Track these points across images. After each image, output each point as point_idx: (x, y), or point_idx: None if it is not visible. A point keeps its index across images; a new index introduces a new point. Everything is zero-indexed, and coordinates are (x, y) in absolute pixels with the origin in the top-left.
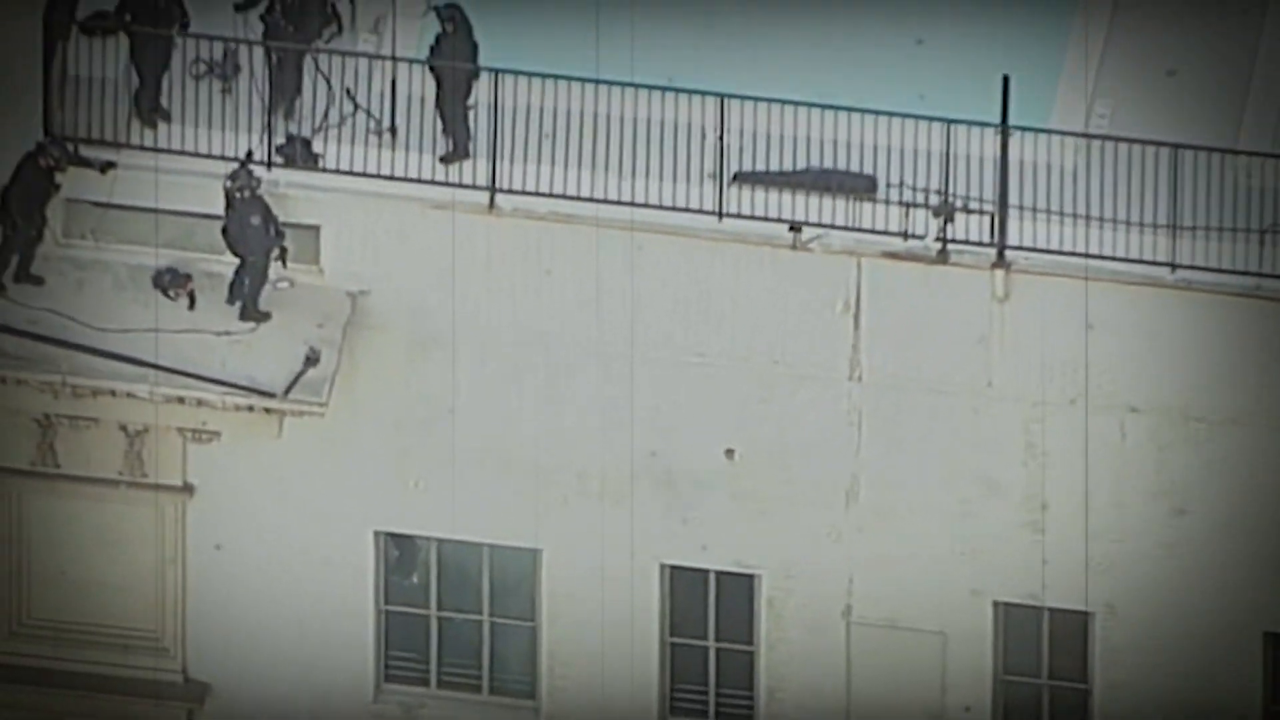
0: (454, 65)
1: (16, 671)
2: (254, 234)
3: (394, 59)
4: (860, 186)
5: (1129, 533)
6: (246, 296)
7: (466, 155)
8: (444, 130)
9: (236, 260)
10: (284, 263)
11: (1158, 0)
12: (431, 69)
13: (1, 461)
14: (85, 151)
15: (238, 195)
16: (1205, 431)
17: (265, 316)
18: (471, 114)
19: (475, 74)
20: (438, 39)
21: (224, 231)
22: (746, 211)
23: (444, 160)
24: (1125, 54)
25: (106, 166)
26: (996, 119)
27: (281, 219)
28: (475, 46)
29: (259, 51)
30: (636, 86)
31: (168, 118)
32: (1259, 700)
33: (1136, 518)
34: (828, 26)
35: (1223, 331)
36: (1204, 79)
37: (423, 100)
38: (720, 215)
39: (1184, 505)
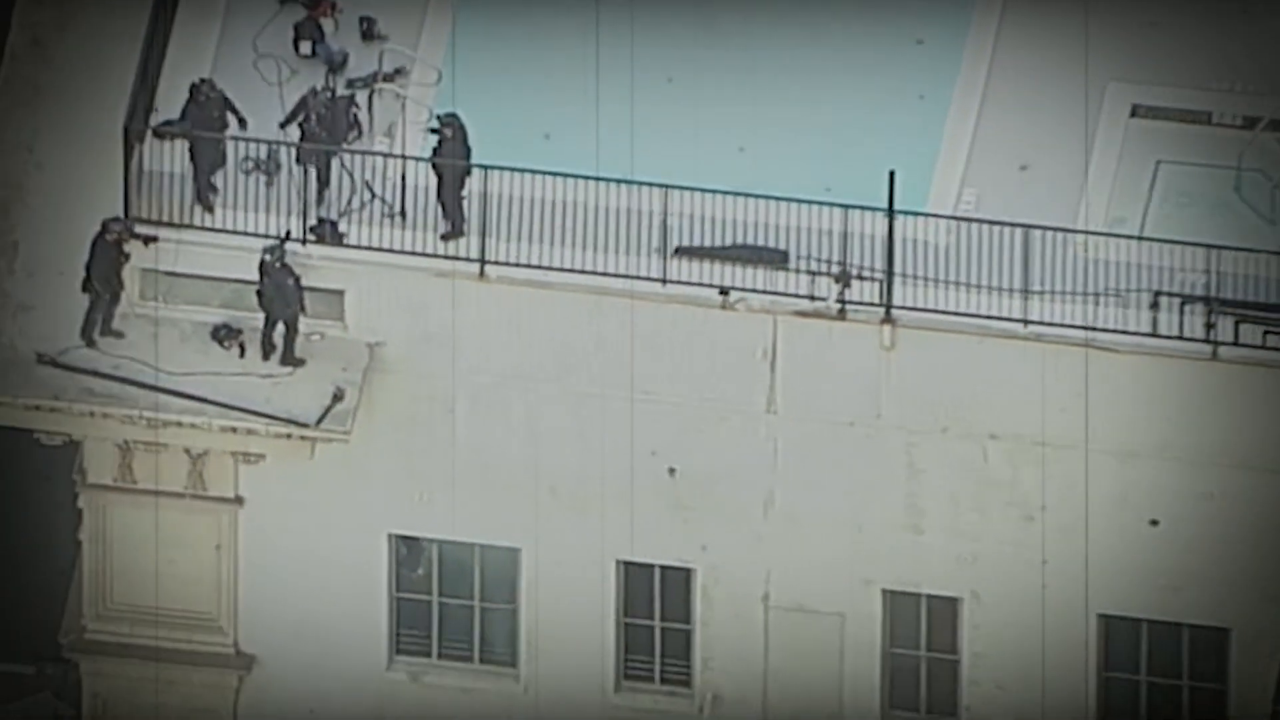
0: (452, 163)
1: (103, 646)
2: (290, 294)
3: (404, 157)
4: (775, 259)
5: (989, 535)
6: (285, 347)
7: (461, 234)
8: (444, 215)
9: (274, 324)
10: (304, 310)
11: (1015, 106)
12: (434, 166)
13: (92, 479)
14: (140, 229)
15: (275, 265)
16: (1051, 454)
17: (300, 362)
18: (465, 202)
19: (469, 170)
20: (440, 141)
21: (259, 294)
22: (685, 279)
23: (444, 238)
24: (987, 151)
25: (149, 240)
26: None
27: (312, 286)
28: (469, 149)
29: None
30: (598, 180)
31: (220, 205)
32: (1094, 667)
33: (995, 523)
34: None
35: (1065, 374)
36: (1050, 172)
37: (427, 190)
38: (664, 281)
39: (1032, 514)
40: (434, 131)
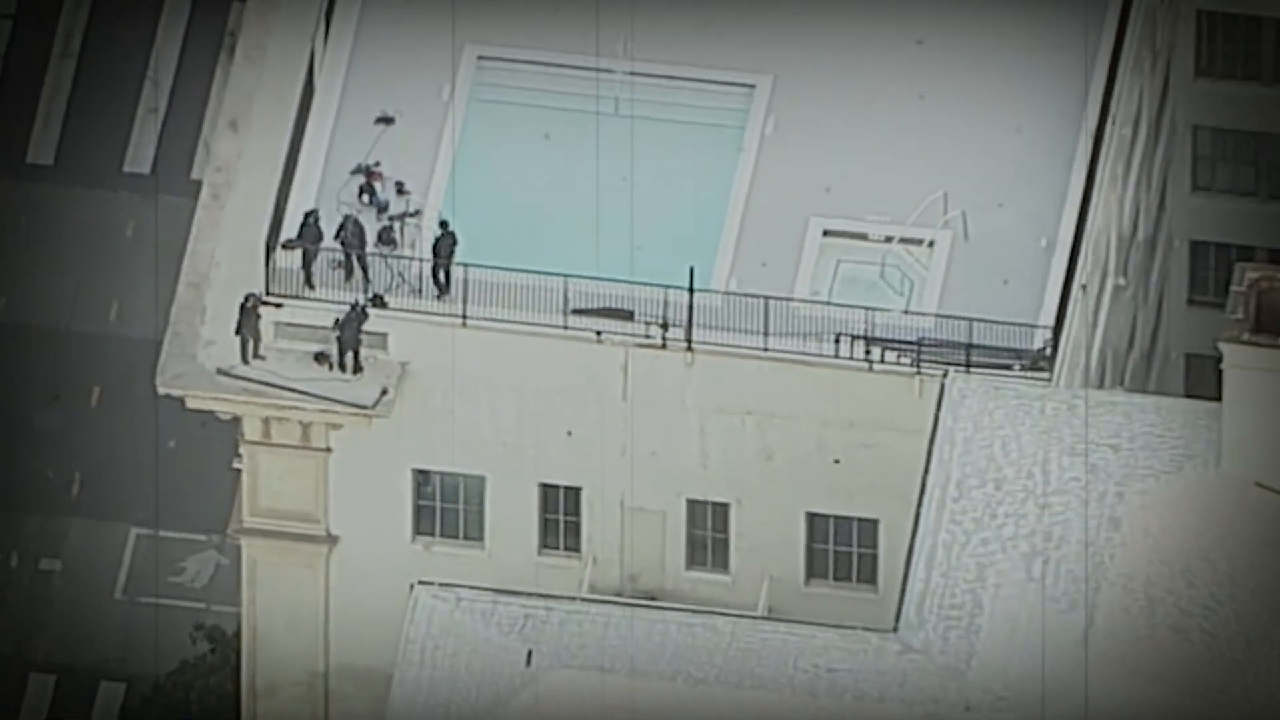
0: (447, 261)
1: (253, 530)
2: (356, 335)
3: (417, 259)
4: (626, 316)
5: (747, 469)
6: (353, 364)
7: (447, 292)
8: (435, 283)
9: (347, 351)
10: (362, 344)
11: None
12: (435, 258)
13: (247, 438)
14: (267, 299)
15: (349, 319)
16: (777, 422)
17: (361, 372)
18: (450, 279)
19: (452, 255)
20: (437, 240)
21: (338, 336)
22: (578, 326)
23: (438, 299)
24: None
25: (259, 303)
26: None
27: (369, 330)
28: (455, 240)
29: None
30: (527, 272)
31: (318, 285)
32: (800, 557)
33: (749, 461)
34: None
35: (786, 376)
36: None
37: (430, 274)
38: (565, 327)
39: (770, 455)
40: (442, 225)
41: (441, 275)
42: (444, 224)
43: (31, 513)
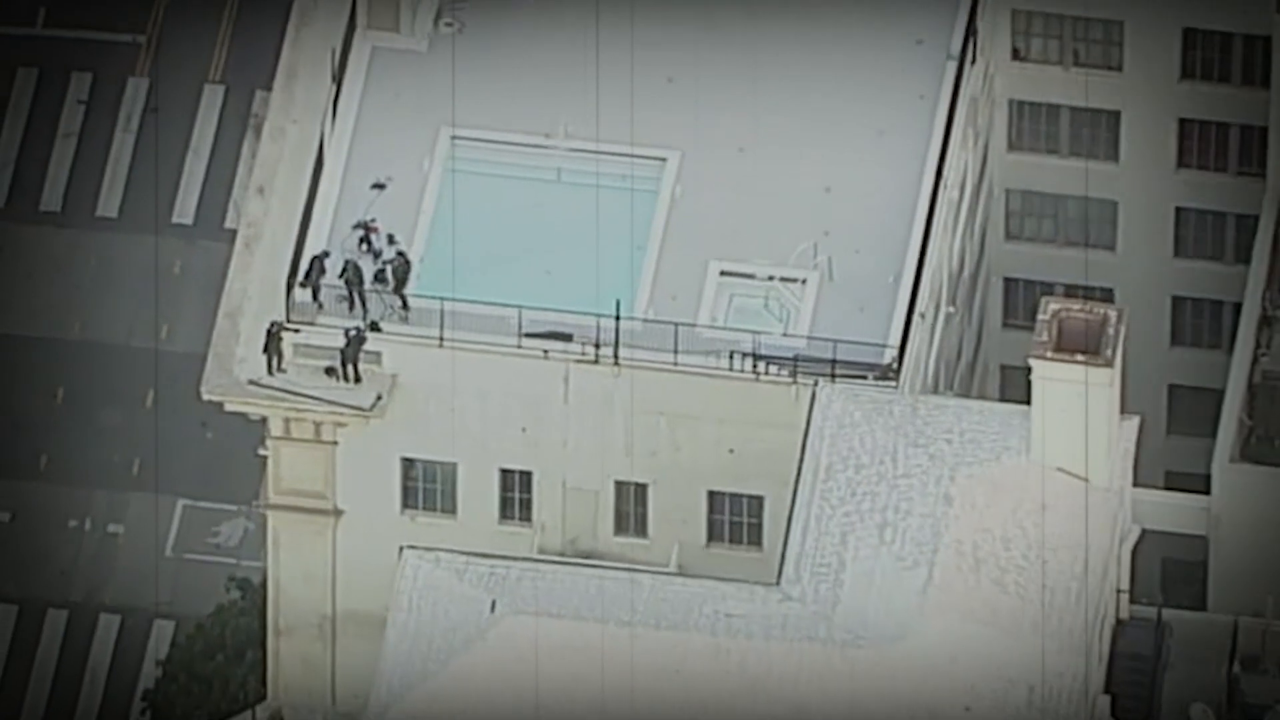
0: (403, 281)
1: (278, 505)
2: (358, 352)
3: (401, 294)
4: (568, 337)
5: (664, 450)
6: (354, 376)
7: (408, 309)
8: (400, 299)
9: (350, 365)
10: (360, 359)
11: None
12: (394, 278)
13: (272, 434)
14: (288, 325)
15: (352, 340)
16: (677, 421)
17: (360, 381)
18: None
19: (407, 277)
20: (394, 264)
21: (343, 353)
22: (528, 347)
23: (403, 309)
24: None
25: (281, 329)
26: None
27: (367, 350)
28: (409, 264)
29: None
30: (488, 304)
31: (326, 314)
32: (703, 526)
33: (662, 447)
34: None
35: (691, 386)
36: None
37: (410, 308)
38: (520, 346)
39: (678, 446)
40: (399, 254)
41: (400, 293)
42: (400, 253)
43: (100, 488)
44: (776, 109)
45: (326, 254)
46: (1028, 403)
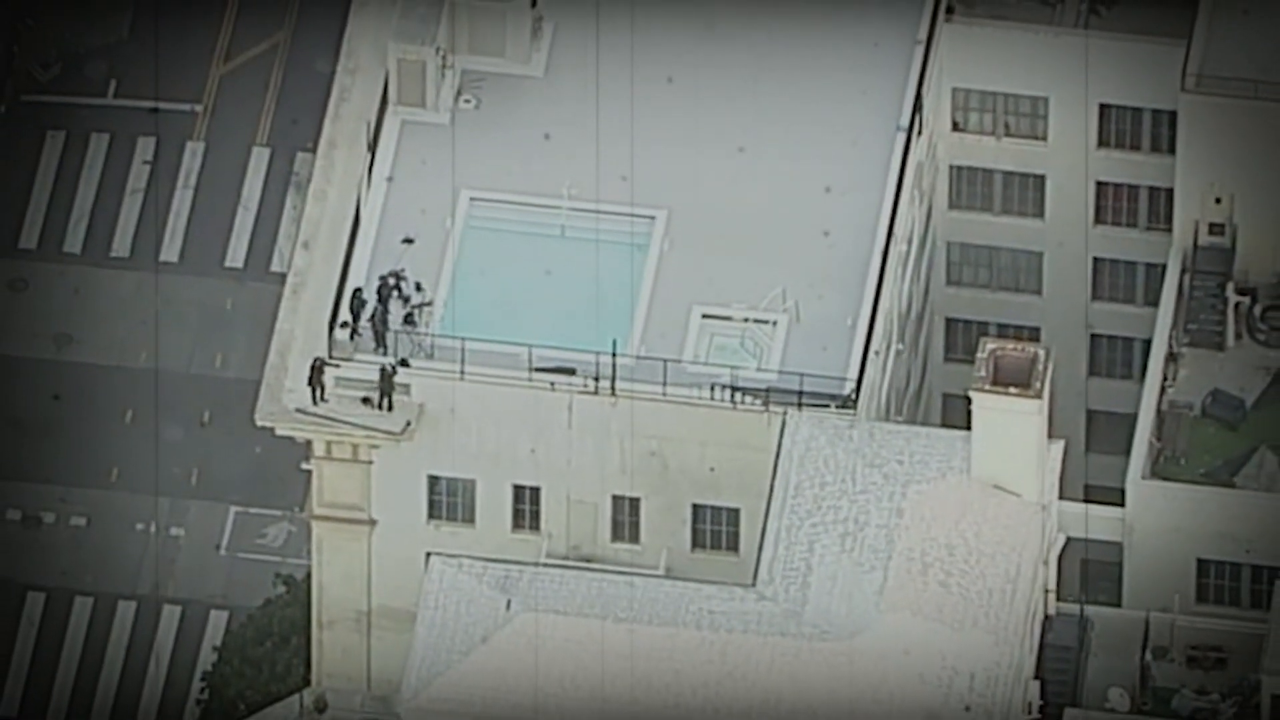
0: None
1: (323, 517)
2: (390, 384)
3: (430, 334)
4: (571, 371)
5: (656, 475)
6: (387, 404)
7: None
8: (410, 325)
9: (383, 396)
10: (394, 389)
11: None
12: (404, 307)
13: (315, 454)
14: (329, 362)
15: (385, 374)
16: (665, 444)
17: (393, 409)
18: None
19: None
20: (409, 300)
21: (379, 384)
22: (538, 379)
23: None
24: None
25: (324, 364)
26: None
27: (398, 382)
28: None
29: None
30: (515, 344)
31: (361, 350)
32: (688, 534)
33: (649, 468)
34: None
35: (681, 415)
36: None
37: (433, 345)
38: (530, 379)
39: (666, 463)
40: (416, 287)
41: (410, 319)
42: (418, 286)
43: (163, 496)
44: (755, 172)
45: (360, 290)
46: (968, 428)
